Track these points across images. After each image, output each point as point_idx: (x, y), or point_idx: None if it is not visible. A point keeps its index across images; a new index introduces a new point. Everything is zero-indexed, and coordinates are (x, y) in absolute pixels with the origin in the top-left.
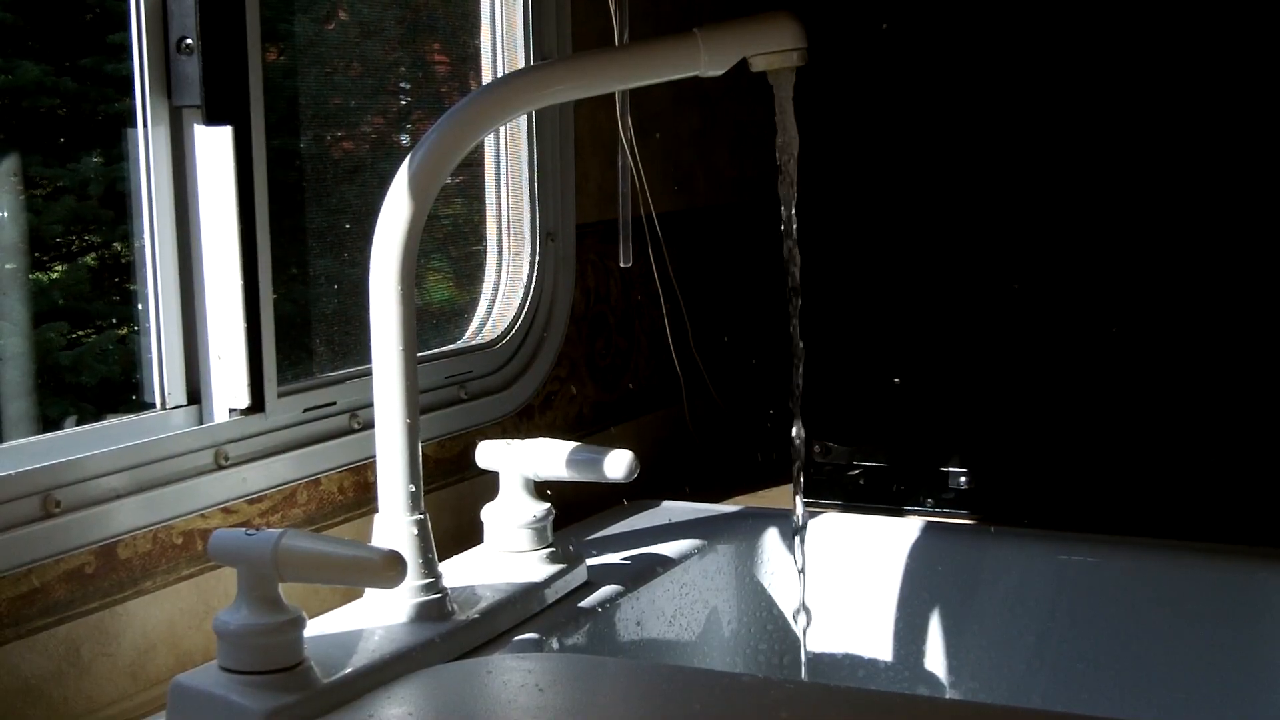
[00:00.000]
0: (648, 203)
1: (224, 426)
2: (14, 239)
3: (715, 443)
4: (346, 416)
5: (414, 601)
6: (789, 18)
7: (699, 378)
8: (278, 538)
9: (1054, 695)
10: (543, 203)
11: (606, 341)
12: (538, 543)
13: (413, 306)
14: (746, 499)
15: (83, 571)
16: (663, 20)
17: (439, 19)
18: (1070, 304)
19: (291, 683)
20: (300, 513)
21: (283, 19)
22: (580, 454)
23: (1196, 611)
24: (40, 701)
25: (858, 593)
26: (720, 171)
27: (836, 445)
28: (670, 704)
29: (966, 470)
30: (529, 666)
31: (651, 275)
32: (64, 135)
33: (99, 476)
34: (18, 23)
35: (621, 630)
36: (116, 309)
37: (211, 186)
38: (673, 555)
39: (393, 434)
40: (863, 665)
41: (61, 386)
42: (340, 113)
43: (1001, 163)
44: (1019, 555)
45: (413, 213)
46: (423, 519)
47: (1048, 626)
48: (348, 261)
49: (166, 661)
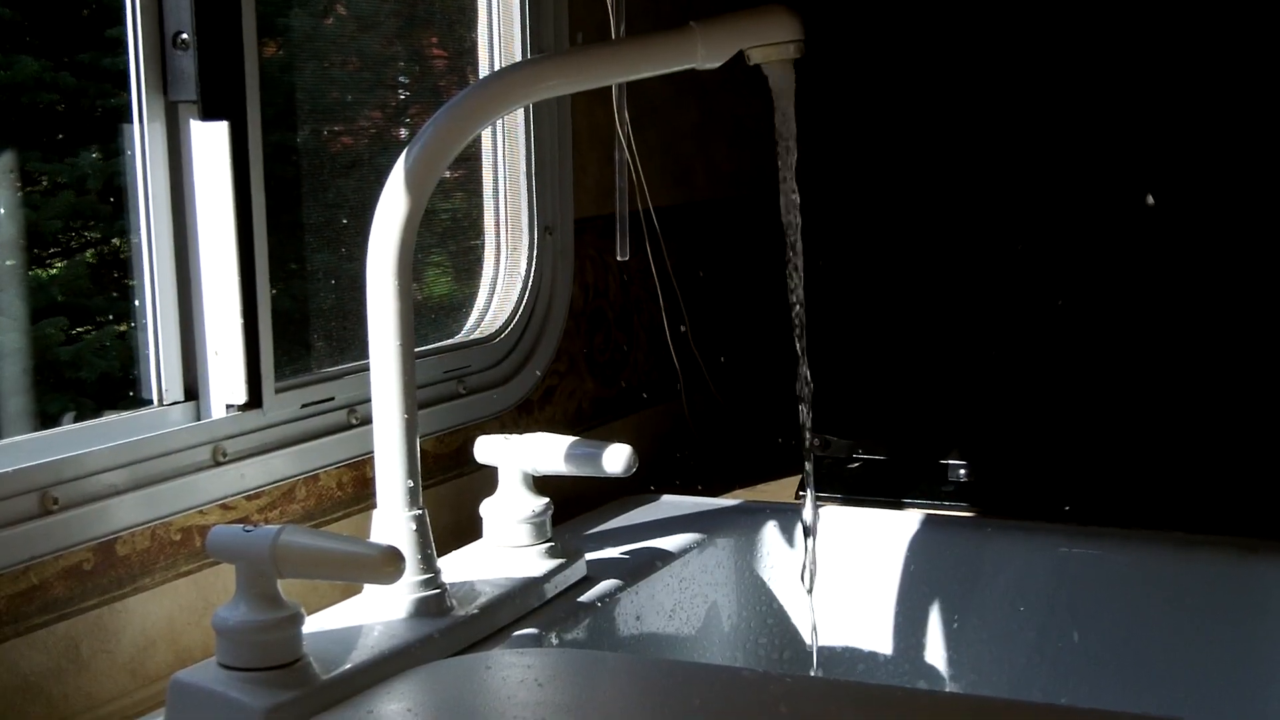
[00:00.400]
0: (646, 197)
1: (222, 422)
2: (12, 235)
3: (714, 437)
4: (344, 412)
5: (413, 597)
6: (786, 10)
7: (698, 372)
8: (276, 534)
9: (1054, 688)
10: (541, 197)
11: (605, 336)
12: (537, 537)
13: (410, 301)
14: (746, 493)
15: (81, 568)
16: (659, 14)
17: (436, 13)
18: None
19: (290, 679)
20: (299, 509)
21: (279, 13)
22: (579, 449)
23: (1197, 604)
24: (40, 698)
25: (858, 586)
26: (718, 165)
27: (836, 438)
28: (670, 699)
29: (966, 463)
30: (528, 662)
31: (650, 270)
32: (62, 130)
33: (97, 473)
34: (15, 18)
35: (621, 625)
36: (115, 304)
37: (208, 182)
38: (672, 549)
39: (391, 429)
40: (862, 659)
41: (60, 382)
42: (337, 107)
43: (1001, 158)
44: (1019, 548)
45: (410, 207)
46: (421, 514)
47: (1048, 619)
48: (345, 256)
49: (165, 658)
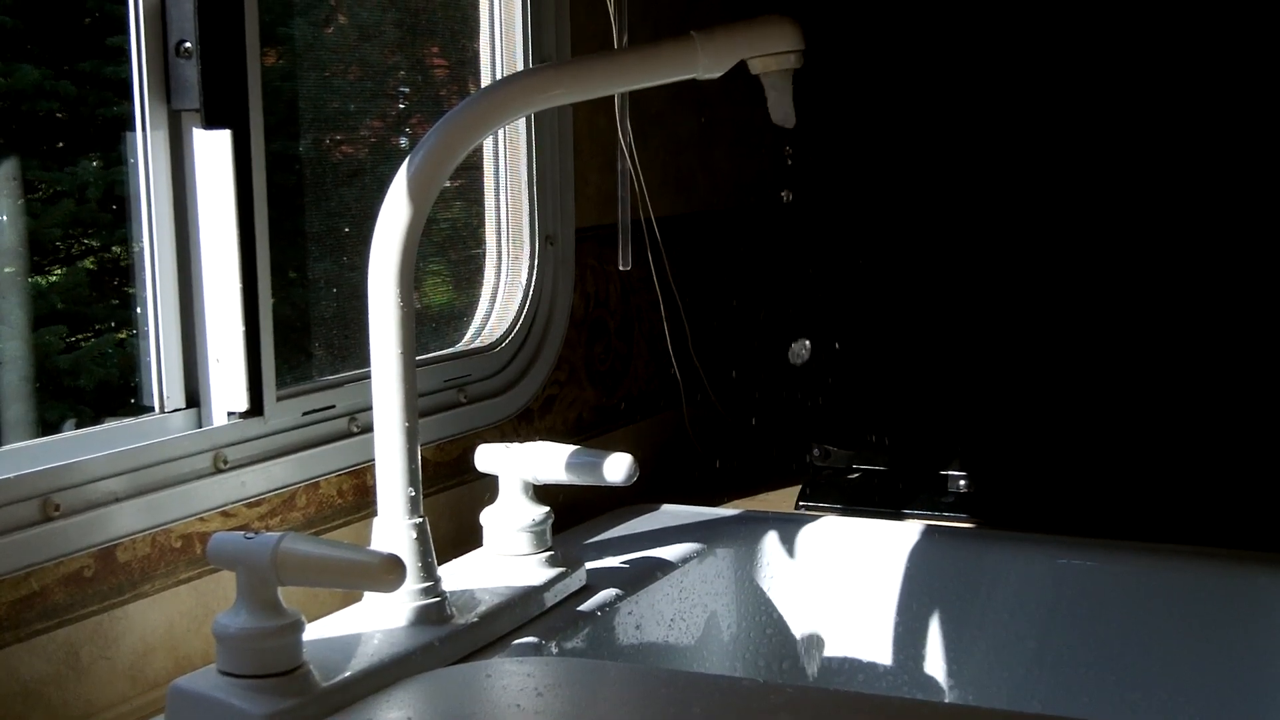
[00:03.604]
0: (647, 206)
1: (223, 430)
2: (13, 242)
3: (715, 447)
4: (345, 420)
5: (413, 605)
6: (787, 20)
7: (698, 382)
8: (277, 541)
9: (1054, 699)
10: (542, 206)
11: (606, 345)
12: (537, 546)
13: (412, 310)
14: (746, 503)
15: (82, 575)
16: (661, 23)
17: (438, 22)
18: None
19: (290, 686)
20: (299, 516)
21: (281, 22)
22: (579, 457)
23: (1196, 615)
24: (39, 705)
25: (857, 596)
26: (720, 175)
27: (836, 449)
28: (669, 708)
29: (966, 474)
30: (528, 670)
31: (651, 279)
32: (63, 139)
33: (98, 480)
34: (17, 26)
35: (621, 634)
36: (115, 312)
37: (210, 190)
38: (672, 559)
39: (392, 437)
40: (862, 669)
41: (60, 390)
42: (339, 116)
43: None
44: (1018, 559)
45: (412, 216)
46: (422, 522)
47: (1047, 630)
48: (346, 265)
49: (165, 665)
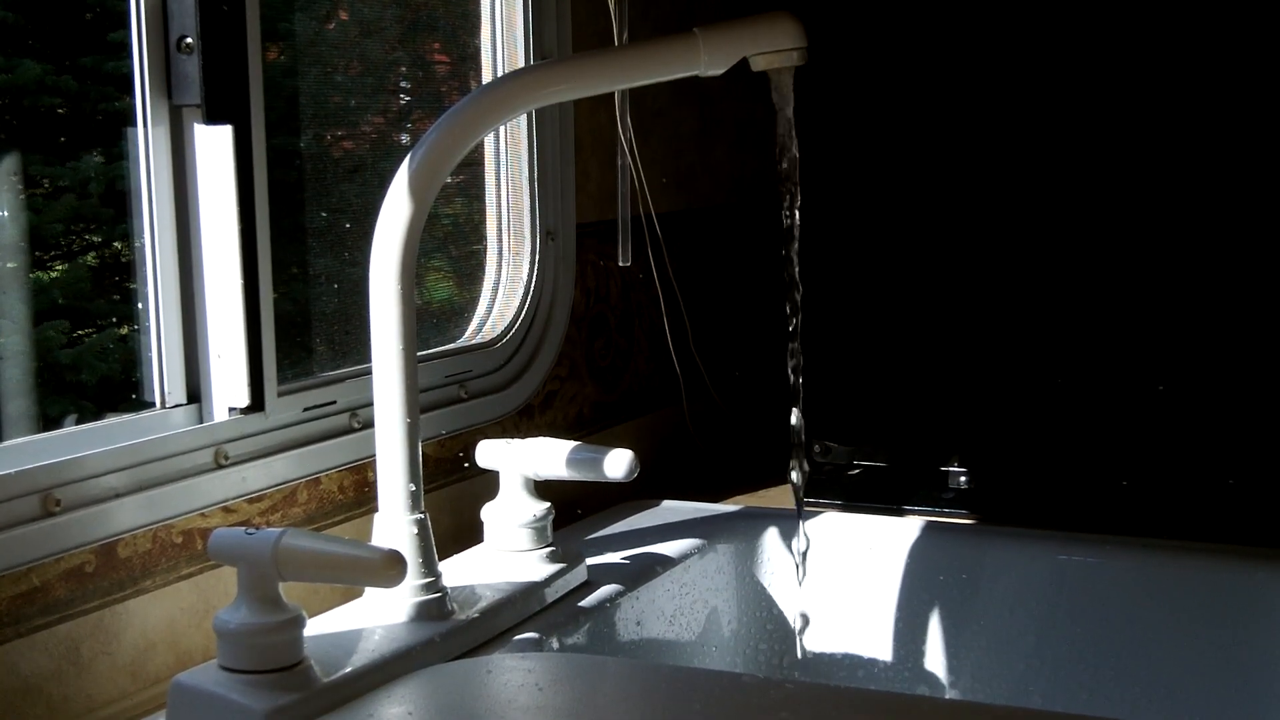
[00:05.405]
0: (647, 202)
1: (224, 425)
2: (14, 238)
3: (716, 442)
4: (346, 415)
5: (414, 601)
6: (789, 17)
7: (699, 378)
8: (278, 537)
9: (1054, 695)
10: (543, 202)
11: (606, 341)
12: (537, 542)
13: (413, 305)
14: (746, 498)
15: (83, 570)
16: (662, 20)
17: (439, 18)
18: (1070, 305)
19: (291, 682)
20: (300, 512)
21: (283, 18)
22: (580, 453)
23: (1196, 612)
24: (40, 700)
25: (857, 592)
26: (720, 171)
27: (837, 445)
28: (670, 704)
29: (966, 470)
30: (529, 666)
31: (651, 275)
32: (64, 134)
33: (99, 475)
34: (18, 21)
35: (621, 630)
36: (117, 308)
37: (211, 185)
38: (673, 555)
39: (393, 433)
40: (862, 665)
41: (61, 385)
42: (340, 112)
43: (1002, 164)
44: (1019, 555)
45: (413, 212)
46: (423, 518)
47: (1047, 626)
48: (348, 260)
49: (166, 660)
